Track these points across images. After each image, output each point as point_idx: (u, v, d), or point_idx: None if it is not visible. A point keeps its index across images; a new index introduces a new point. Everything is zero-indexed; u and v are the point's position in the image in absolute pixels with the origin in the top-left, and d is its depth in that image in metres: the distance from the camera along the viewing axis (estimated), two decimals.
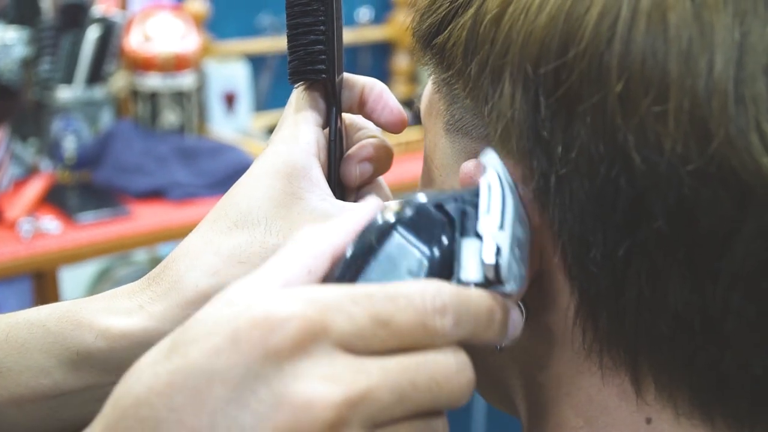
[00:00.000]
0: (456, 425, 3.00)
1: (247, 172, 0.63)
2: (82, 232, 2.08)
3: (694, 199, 0.44)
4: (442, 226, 0.48)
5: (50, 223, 2.07)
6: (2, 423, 0.62)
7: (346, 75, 0.66)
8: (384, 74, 3.16)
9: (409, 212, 0.48)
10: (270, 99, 2.93)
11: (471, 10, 0.51)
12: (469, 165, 0.53)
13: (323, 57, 0.63)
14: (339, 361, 0.41)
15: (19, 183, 2.27)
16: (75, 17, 2.41)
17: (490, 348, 0.55)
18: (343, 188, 0.67)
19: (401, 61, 3.15)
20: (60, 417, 0.63)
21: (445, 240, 0.48)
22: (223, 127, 2.69)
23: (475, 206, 0.48)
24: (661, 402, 0.50)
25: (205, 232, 0.61)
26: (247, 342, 0.41)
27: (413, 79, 3.14)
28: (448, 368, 0.44)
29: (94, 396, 0.61)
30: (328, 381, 0.41)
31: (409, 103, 2.89)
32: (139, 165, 2.34)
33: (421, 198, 0.48)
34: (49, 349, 0.61)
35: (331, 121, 0.65)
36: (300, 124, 0.63)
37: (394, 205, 0.48)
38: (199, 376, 0.41)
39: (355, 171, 0.66)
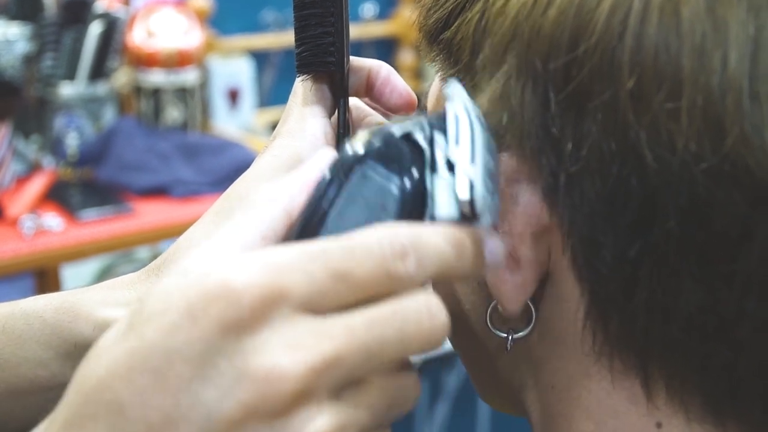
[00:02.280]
0: (460, 426, 3.00)
1: (252, 164, 0.62)
2: (84, 230, 2.08)
3: (707, 199, 0.43)
4: (411, 156, 0.47)
5: (52, 220, 2.07)
6: None
7: (351, 59, 0.65)
8: None
9: (376, 143, 0.46)
10: (274, 95, 2.93)
11: (479, 5, 0.50)
12: None
13: (333, 49, 0.62)
14: (301, 325, 0.40)
15: (22, 180, 2.27)
16: (77, 13, 2.40)
17: (500, 348, 0.54)
18: None
19: (406, 57, 3.15)
20: None
21: (415, 172, 0.46)
22: (227, 124, 2.69)
23: (443, 132, 0.47)
24: (672, 407, 0.49)
25: (208, 225, 0.60)
26: (204, 317, 0.39)
27: (418, 74, 3.14)
28: (417, 314, 0.42)
29: None
30: (291, 350, 0.39)
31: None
32: (142, 162, 2.34)
33: (388, 128, 0.47)
34: (46, 340, 0.60)
35: (339, 113, 0.65)
36: (307, 117, 0.62)
37: (359, 137, 0.47)
38: (158, 356, 0.40)
39: None
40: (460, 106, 0.47)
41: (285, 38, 2.90)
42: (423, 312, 0.42)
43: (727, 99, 0.42)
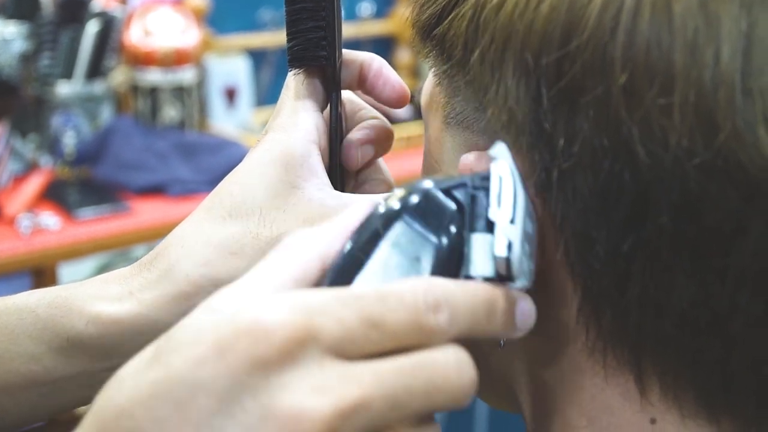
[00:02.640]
0: (458, 426, 2.99)
1: (244, 159, 0.62)
2: (81, 228, 2.08)
3: (699, 194, 0.43)
4: (450, 213, 0.46)
5: (50, 219, 2.07)
6: None
7: (344, 52, 0.65)
8: None
9: (415, 199, 0.46)
10: (271, 94, 2.93)
11: (471, 0, 0.50)
12: (469, 157, 0.52)
13: (324, 43, 0.62)
14: (329, 368, 0.40)
15: (19, 179, 2.27)
16: (74, 12, 2.40)
17: (493, 344, 0.54)
18: (344, 172, 0.67)
19: (403, 56, 3.14)
20: (51, 403, 0.63)
21: (453, 229, 0.46)
22: (224, 123, 2.68)
23: (485, 192, 0.47)
24: (666, 402, 0.49)
25: (199, 220, 0.61)
26: (232, 352, 0.39)
27: (415, 73, 3.13)
28: (446, 368, 0.42)
29: (86, 382, 0.61)
30: (318, 392, 0.39)
31: (412, 98, 2.88)
32: (140, 161, 2.34)
33: (428, 183, 0.47)
34: (39, 335, 0.60)
35: (331, 106, 0.65)
36: (299, 111, 0.62)
37: (398, 192, 0.47)
38: (182, 387, 0.39)
39: (356, 155, 0.65)
40: (505, 168, 0.47)
41: (282, 37, 2.87)
42: (451, 366, 0.42)
43: (719, 94, 0.42)
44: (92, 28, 2.39)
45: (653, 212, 0.44)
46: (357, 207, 0.48)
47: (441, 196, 0.47)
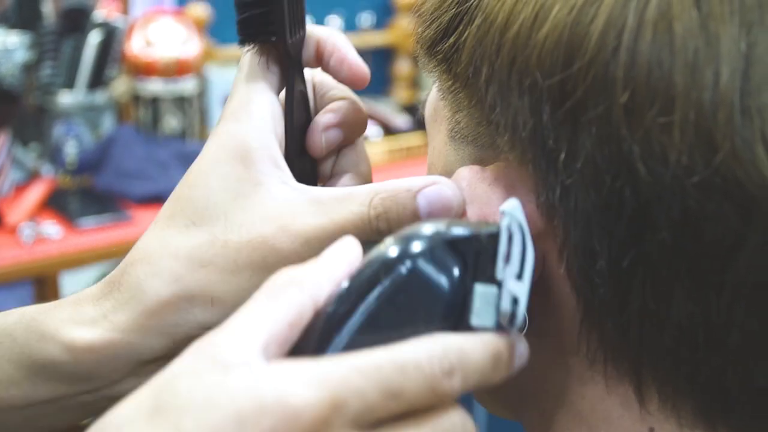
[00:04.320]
0: None
1: (200, 155, 0.58)
2: (83, 237, 2.08)
3: (698, 211, 0.43)
4: (454, 265, 0.46)
5: (51, 228, 2.07)
6: None
7: (307, 27, 0.61)
8: (386, 79, 3.16)
9: (417, 247, 0.46)
10: None
11: (477, 19, 0.51)
12: (463, 172, 0.53)
13: (272, 18, 0.58)
14: None
15: (20, 188, 2.27)
16: (76, 22, 2.41)
17: None
18: (315, 161, 0.63)
19: (403, 67, 3.15)
20: (36, 425, 0.60)
21: (456, 278, 0.46)
22: None
23: (491, 249, 0.47)
24: (665, 412, 0.50)
25: (161, 231, 0.57)
26: (256, 428, 0.39)
27: (415, 84, 3.14)
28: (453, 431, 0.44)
29: (66, 404, 0.59)
30: None
31: (411, 109, 2.89)
32: (141, 170, 2.34)
33: (430, 230, 0.47)
34: (17, 359, 0.58)
35: (287, 87, 0.60)
36: (252, 96, 0.59)
37: (399, 236, 0.47)
38: None
39: (320, 140, 0.62)
40: (515, 224, 0.47)
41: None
42: (457, 430, 0.44)
43: (718, 114, 0.42)
44: (94, 38, 2.40)
45: (653, 228, 0.45)
46: (341, 245, 0.48)
47: (445, 247, 0.47)
